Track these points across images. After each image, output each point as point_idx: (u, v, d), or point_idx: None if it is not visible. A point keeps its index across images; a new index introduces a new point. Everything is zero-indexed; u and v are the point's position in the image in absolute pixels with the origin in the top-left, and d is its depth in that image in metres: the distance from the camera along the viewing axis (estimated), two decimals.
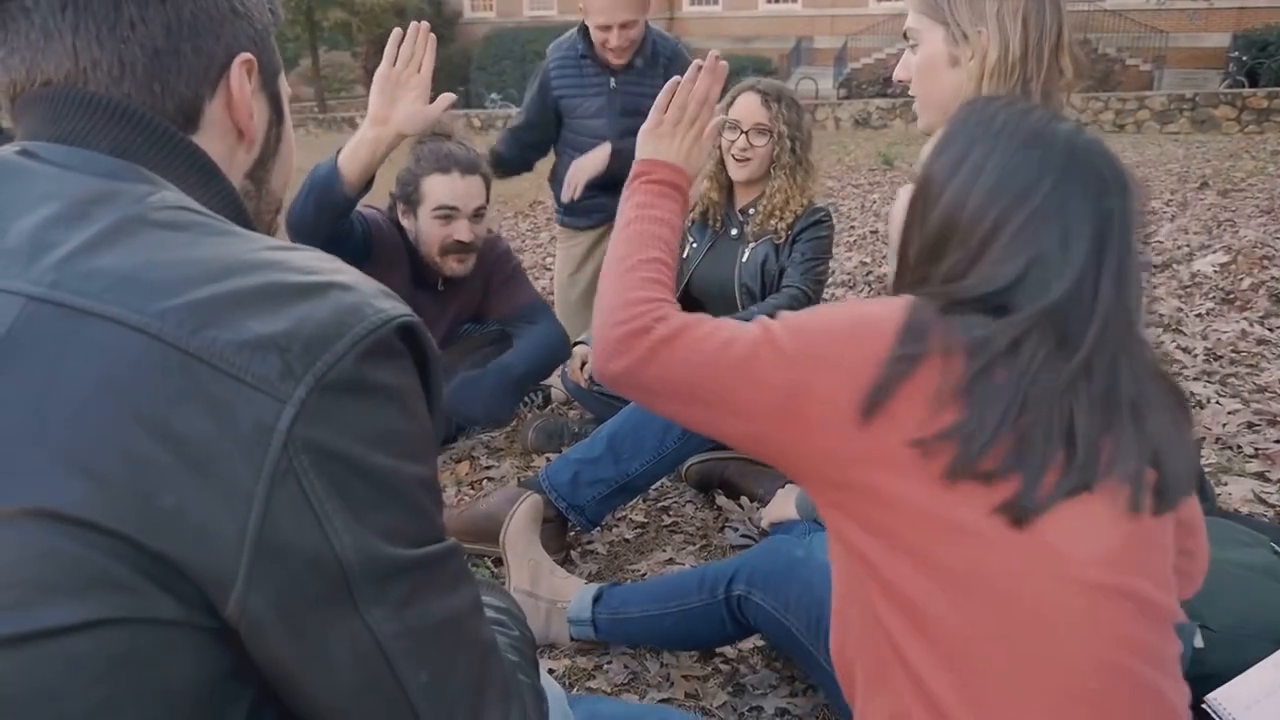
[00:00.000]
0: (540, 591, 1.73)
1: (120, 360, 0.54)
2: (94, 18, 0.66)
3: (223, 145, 0.75)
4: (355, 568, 0.58)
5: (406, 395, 0.64)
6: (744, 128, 2.40)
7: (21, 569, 0.51)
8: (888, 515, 0.86)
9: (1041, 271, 0.86)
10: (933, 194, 0.93)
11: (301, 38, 22.82)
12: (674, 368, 0.95)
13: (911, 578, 0.85)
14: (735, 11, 22.93)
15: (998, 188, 0.89)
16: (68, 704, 0.52)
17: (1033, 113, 0.94)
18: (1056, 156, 0.89)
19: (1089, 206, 0.88)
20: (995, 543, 0.82)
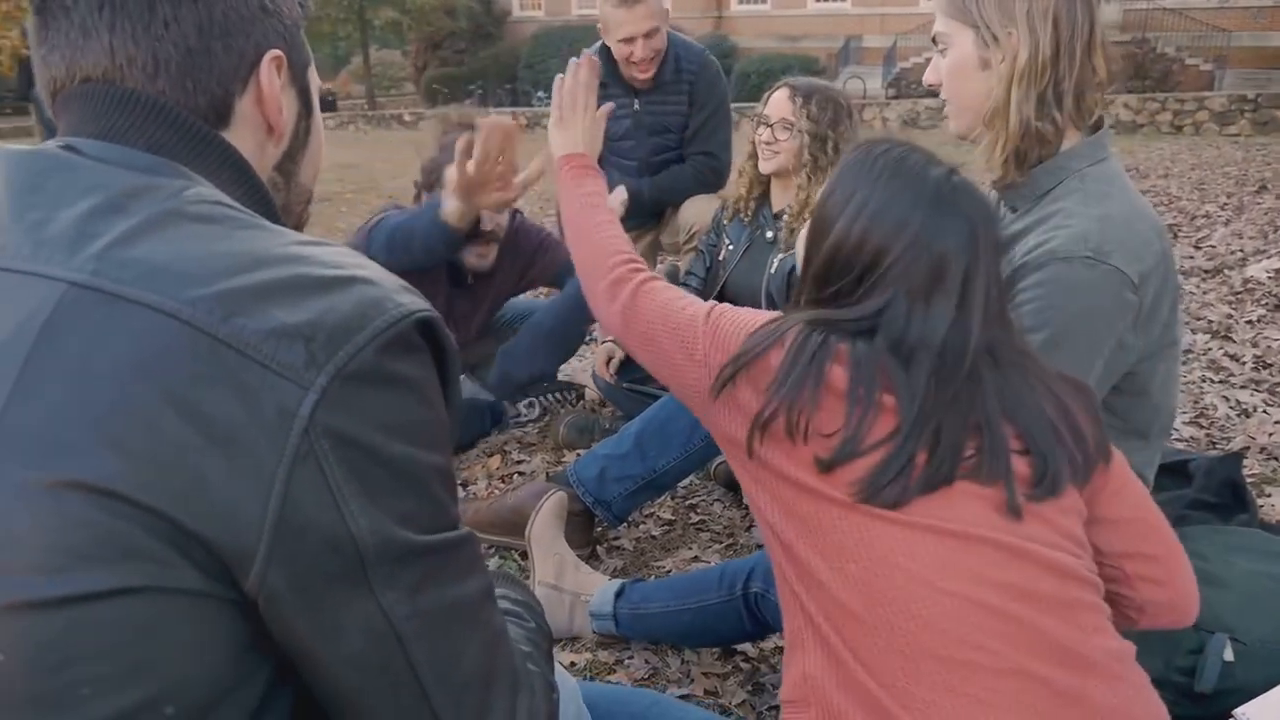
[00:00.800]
0: (564, 585, 1.74)
1: (154, 344, 0.57)
2: (130, 17, 0.68)
3: (253, 140, 0.77)
4: (370, 550, 0.60)
5: (424, 387, 0.66)
6: (771, 121, 2.39)
7: (60, 537, 0.54)
8: (777, 483, 0.98)
9: (906, 303, 0.97)
10: (823, 228, 1.04)
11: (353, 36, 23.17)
12: (639, 314, 1.16)
13: (800, 544, 0.96)
14: (784, 10, 22.79)
15: (875, 223, 1.00)
16: (100, 665, 0.54)
17: (910, 156, 1.04)
18: (926, 197, 1.00)
19: (960, 239, 0.98)
20: (861, 520, 0.92)
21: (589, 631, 1.68)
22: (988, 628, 0.88)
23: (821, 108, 2.35)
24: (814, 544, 0.94)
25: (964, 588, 0.89)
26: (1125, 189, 1.40)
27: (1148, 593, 1.05)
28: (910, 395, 0.93)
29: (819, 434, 0.93)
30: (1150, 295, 1.34)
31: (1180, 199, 6.39)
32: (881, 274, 0.99)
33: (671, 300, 1.14)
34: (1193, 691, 1.33)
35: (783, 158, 2.40)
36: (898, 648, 0.89)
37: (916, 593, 0.89)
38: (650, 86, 2.96)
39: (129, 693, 0.55)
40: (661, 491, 2.03)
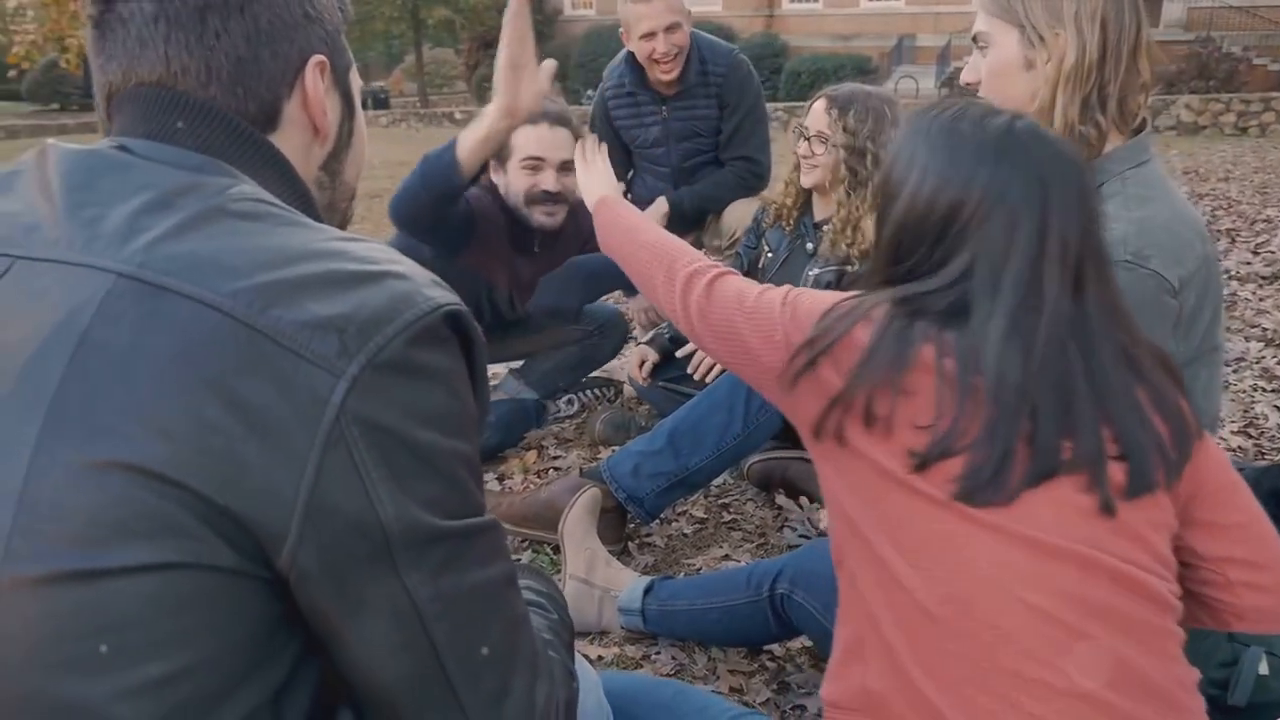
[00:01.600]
0: (595, 580, 1.75)
1: (196, 333, 0.60)
2: (183, 28, 0.73)
3: (300, 141, 0.81)
4: (396, 532, 0.63)
5: (452, 377, 0.69)
6: (809, 133, 2.31)
7: (105, 513, 0.57)
8: (862, 473, 0.94)
9: (989, 263, 0.92)
10: (890, 200, 1.01)
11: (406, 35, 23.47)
12: (714, 306, 1.15)
13: (880, 539, 0.93)
14: (836, 9, 22.59)
15: (942, 183, 0.95)
16: (138, 634, 0.57)
17: (968, 110, 1.00)
18: (989, 151, 0.95)
19: (1029, 190, 0.93)
20: (954, 520, 0.88)
21: (618, 626, 1.70)
22: (1063, 646, 0.85)
23: (860, 119, 2.23)
24: (897, 540, 0.91)
25: (1048, 602, 0.86)
26: (1167, 192, 1.38)
27: (1251, 599, 0.99)
28: (999, 377, 0.88)
29: (911, 425, 0.90)
30: (1191, 300, 1.32)
31: (1240, 203, 6.22)
32: (956, 236, 0.94)
33: (746, 288, 1.13)
34: (1225, 704, 1.30)
35: (820, 172, 2.32)
36: (970, 656, 0.87)
37: (1000, 602, 0.87)
38: (676, 91, 2.95)
39: (160, 662, 0.58)
40: (694, 489, 2.04)
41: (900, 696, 0.90)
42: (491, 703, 0.71)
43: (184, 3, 0.73)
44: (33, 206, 0.67)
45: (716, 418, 1.94)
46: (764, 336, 1.05)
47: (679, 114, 2.98)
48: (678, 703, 1.16)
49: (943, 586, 0.88)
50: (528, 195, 2.33)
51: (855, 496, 0.96)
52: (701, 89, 2.97)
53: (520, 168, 2.32)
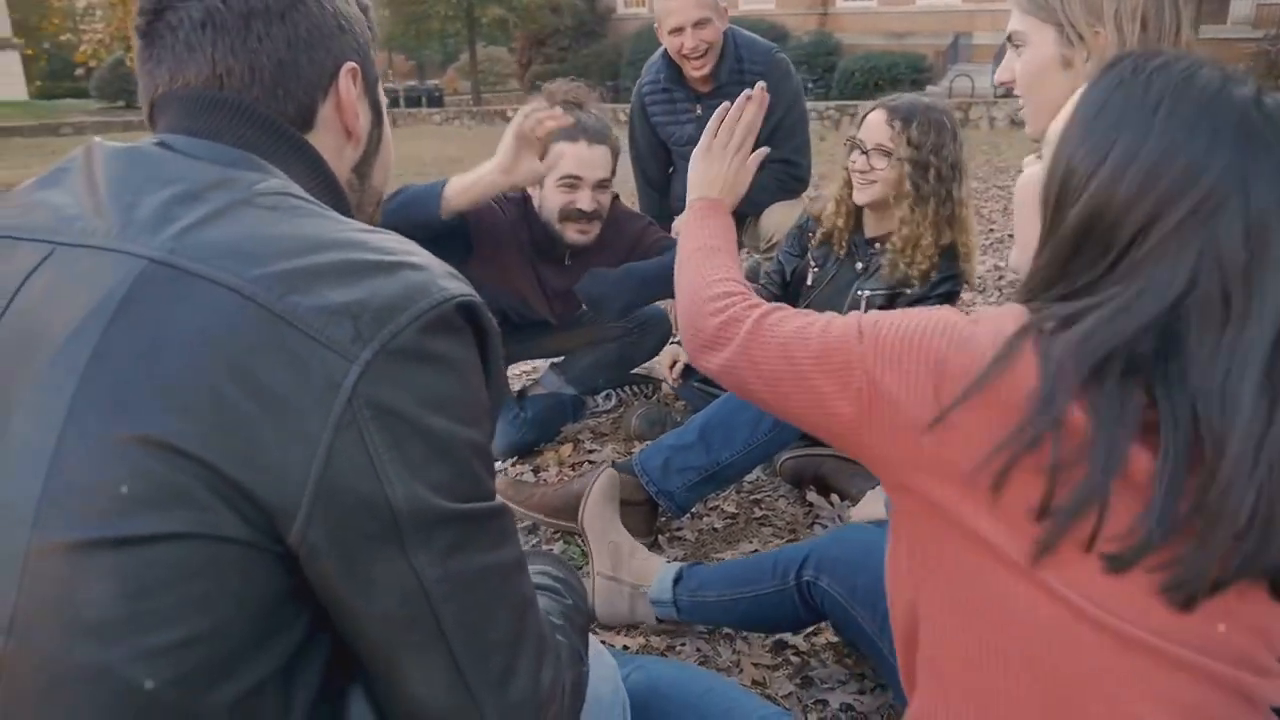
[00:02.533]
0: (622, 575, 1.76)
1: (218, 316, 0.63)
2: (229, 33, 0.78)
3: (333, 143, 0.86)
4: (405, 514, 0.65)
5: (464, 366, 0.71)
6: (866, 147, 2.18)
7: (126, 484, 0.60)
8: (941, 529, 0.79)
9: (1215, 278, 0.70)
10: (1073, 187, 0.78)
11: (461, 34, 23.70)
12: (766, 350, 0.95)
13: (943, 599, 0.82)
14: (891, 7, 22.33)
15: (1154, 173, 0.73)
16: (155, 600, 0.60)
17: (1198, 74, 0.76)
18: (1230, 130, 0.72)
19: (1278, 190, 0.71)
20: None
21: (653, 619, 1.71)
22: None
23: (923, 131, 2.12)
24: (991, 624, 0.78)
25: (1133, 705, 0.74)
26: None
27: None
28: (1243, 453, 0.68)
29: (1106, 535, 0.71)
30: None
31: None
32: (1166, 236, 0.72)
33: (806, 325, 0.92)
34: None
35: (879, 188, 2.17)
36: None
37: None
38: (711, 89, 2.93)
39: (176, 628, 0.61)
40: (725, 484, 2.05)
41: None
42: (497, 683, 0.73)
43: (230, 10, 0.78)
44: (77, 199, 0.71)
45: (748, 413, 1.95)
46: (840, 381, 0.85)
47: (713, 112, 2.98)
48: (706, 701, 1.17)
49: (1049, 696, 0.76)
50: (563, 212, 2.33)
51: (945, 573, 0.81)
52: (738, 88, 2.93)
53: (557, 185, 2.31)
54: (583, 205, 2.32)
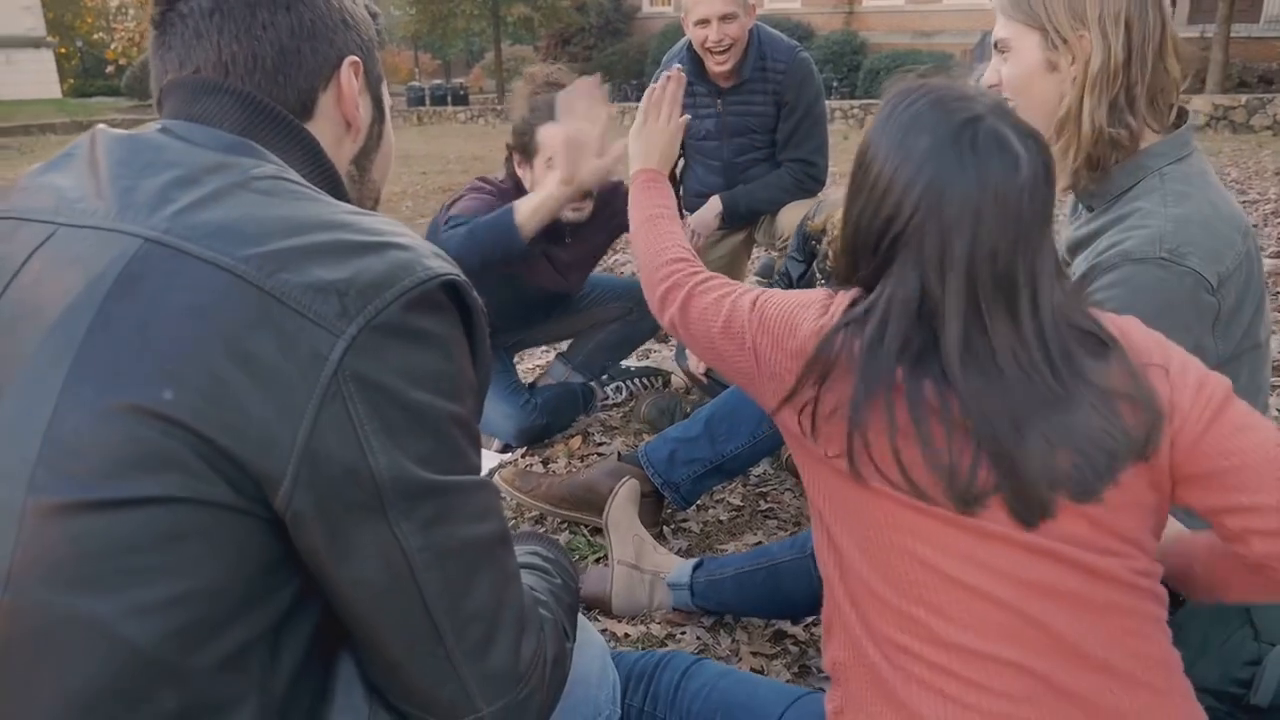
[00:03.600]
0: (644, 565, 1.80)
1: (211, 293, 0.66)
2: (235, 21, 0.81)
3: (332, 133, 0.89)
4: (387, 483, 0.68)
5: (448, 342, 0.74)
6: None
7: (119, 450, 0.64)
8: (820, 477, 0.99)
9: (917, 282, 0.88)
10: (849, 199, 0.97)
11: (486, 32, 23.78)
12: (698, 315, 1.17)
13: (839, 530, 0.98)
14: (917, 6, 22.16)
15: (888, 189, 0.90)
16: (145, 558, 0.64)
17: (933, 103, 0.91)
18: (936, 150, 0.88)
19: (966, 199, 0.86)
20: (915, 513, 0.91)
21: (670, 606, 1.73)
22: (995, 621, 0.88)
23: None
24: (852, 529, 0.96)
25: (981, 581, 0.89)
26: (1207, 187, 1.36)
27: (1262, 546, 0.89)
28: (966, 408, 0.87)
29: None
30: (1231, 298, 1.30)
31: None
32: (893, 248, 0.90)
33: (722, 296, 1.14)
34: (1247, 704, 1.28)
35: None
36: (911, 631, 0.91)
37: (931, 581, 0.90)
38: (733, 84, 2.94)
39: (165, 586, 0.64)
40: (729, 476, 2.06)
41: (860, 673, 0.95)
42: (477, 651, 0.75)
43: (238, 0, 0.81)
44: (80, 182, 0.75)
45: (752, 406, 1.95)
46: (736, 345, 1.08)
47: (734, 108, 2.98)
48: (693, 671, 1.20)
49: (889, 569, 0.92)
50: None
51: (816, 487, 1.01)
52: (759, 84, 2.95)
53: (548, 166, 2.30)
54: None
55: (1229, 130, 11.83)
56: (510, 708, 0.78)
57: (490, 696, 0.76)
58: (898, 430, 0.88)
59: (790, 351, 1.00)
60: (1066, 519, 0.89)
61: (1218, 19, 13.81)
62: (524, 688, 0.79)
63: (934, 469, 0.88)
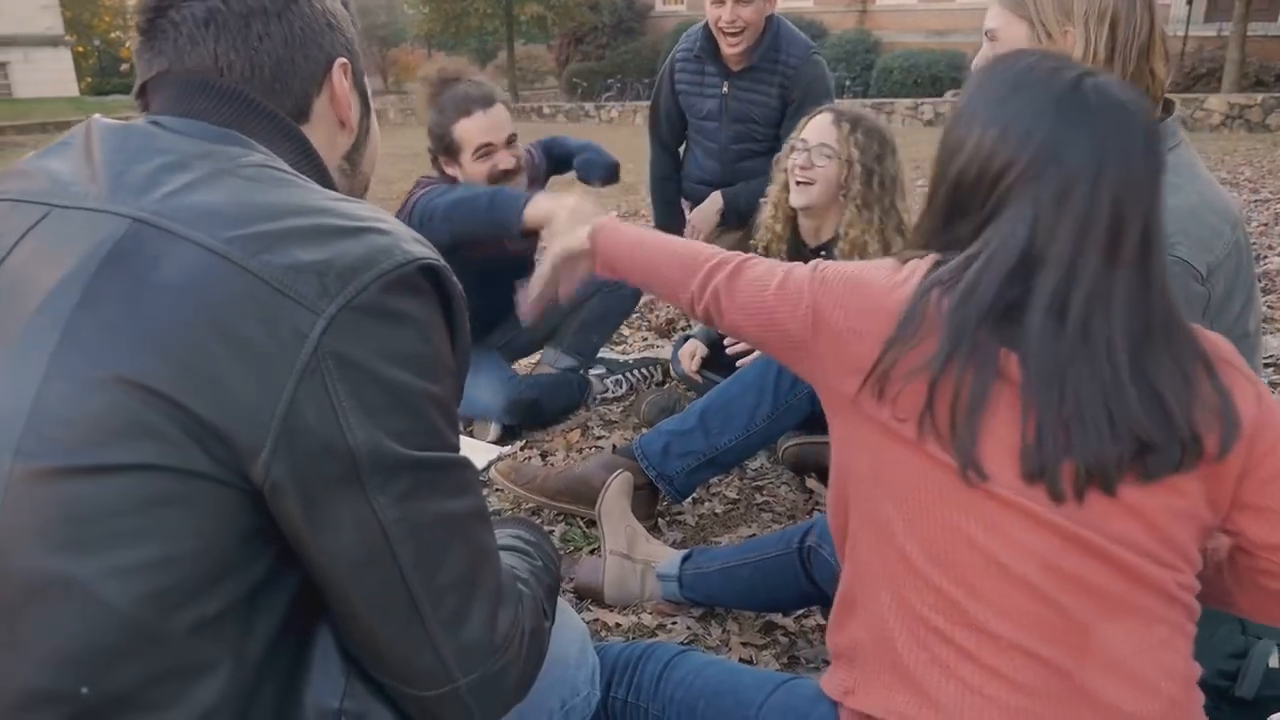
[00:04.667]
0: (636, 555, 1.81)
1: (195, 272, 0.68)
2: (230, 31, 0.84)
3: (326, 133, 0.92)
4: (364, 457, 0.70)
5: (425, 324, 0.76)
6: (808, 146, 2.23)
7: (102, 419, 0.66)
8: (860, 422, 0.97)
9: (1030, 230, 0.88)
10: (948, 153, 0.96)
11: (499, 31, 23.84)
12: (748, 281, 1.13)
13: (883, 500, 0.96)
14: (930, 5, 22.09)
15: (999, 143, 0.91)
16: (125, 523, 0.66)
17: (1040, 65, 0.93)
18: (1051, 107, 0.89)
19: (1085, 154, 0.87)
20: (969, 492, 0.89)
21: (660, 597, 1.74)
22: (1031, 611, 0.87)
23: (869, 137, 2.19)
24: (899, 499, 0.94)
25: (1025, 568, 0.88)
26: (1195, 178, 1.36)
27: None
28: (1037, 359, 0.86)
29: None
30: (1221, 287, 1.31)
31: None
32: (1004, 196, 0.90)
33: (774, 266, 1.12)
34: (1233, 696, 1.28)
35: (817, 189, 2.22)
36: (942, 609, 0.90)
37: (974, 561, 0.89)
38: (742, 68, 2.94)
39: (143, 550, 0.66)
40: (724, 469, 2.07)
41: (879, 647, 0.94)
42: (453, 622, 0.77)
43: (231, 10, 0.83)
44: (75, 167, 0.78)
45: (747, 398, 1.97)
46: (790, 305, 1.05)
47: (739, 93, 2.98)
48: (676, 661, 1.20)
49: (933, 544, 0.91)
50: (490, 177, 2.39)
51: (865, 456, 0.97)
52: (768, 74, 2.95)
53: (474, 158, 2.38)
54: (504, 165, 2.39)
55: (1245, 129, 11.75)
56: (486, 678, 0.79)
57: (466, 667, 0.78)
58: (967, 396, 0.87)
59: (858, 309, 0.97)
60: (1123, 520, 0.87)
61: (1234, 17, 13.71)
62: (500, 659, 0.80)
63: (999, 439, 0.87)
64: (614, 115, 18.68)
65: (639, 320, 3.75)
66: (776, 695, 1.11)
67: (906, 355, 0.90)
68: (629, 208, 6.74)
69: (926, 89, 17.78)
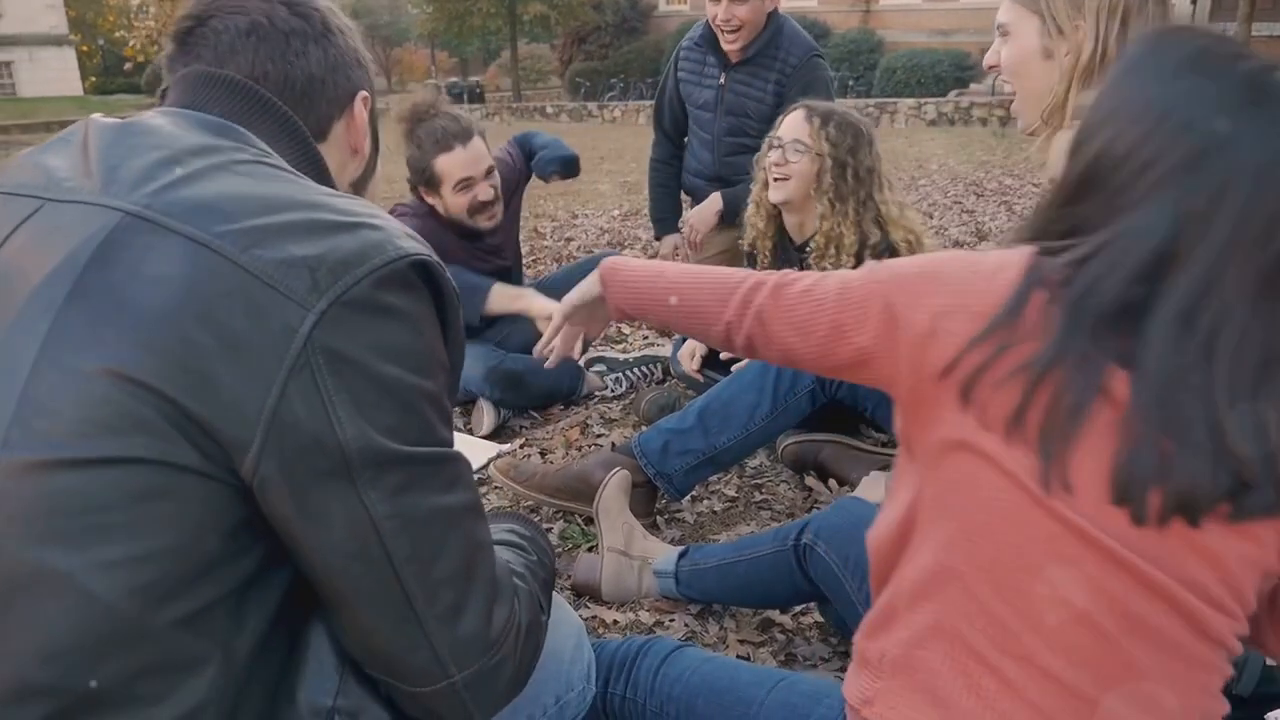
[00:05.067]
0: (633, 551, 1.80)
1: (186, 266, 0.68)
2: (270, 44, 0.87)
3: (339, 157, 0.95)
4: (354, 453, 0.70)
5: (417, 319, 0.76)
6: (782, 142, 2.27)
7: (90, 411, 0.66)
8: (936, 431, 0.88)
9: (1186, 225, 0.78)
10: (1087, 132, 0.87)
11: (503, 30, 23.85)
12: (797, 297, 1.03)
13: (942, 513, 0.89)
14: (935, 4, 22.07)
15: (1155, 125, 0.81)
16: (112, 516, 0.66)
17: (1215, 47, 0.84)
18: (1228, 96, 0.80)
19: (1258, 155, 0.78)
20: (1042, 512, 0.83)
21: (657, 592, 1.74)
22: (1085, 646, 0.83)
23: (841, 131, 2.21)
24: (964, 514, 0.87)
25: (1087, 601, 0.82)
26: None
27: None
28: (1142, 372, 0.78)
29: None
30: None
31: None
32: (1153, 184, 0.80)
33: (820, 277, 1.02)
34: (1230, 693, 1.27)
35: (793, 184, 2.26)
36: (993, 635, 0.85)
37: (1037, 590, 0.84)
38: (740, 60, 2.95)
39: (130, 543, 0.66)
40: (722, 468, 2.07)
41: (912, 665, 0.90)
42: (447, 617, 0.77)
43: (274, 26, 0.87)
44: (70, 162, 0.78)
45: (746, 398, 1.97)
46: (857, 313, 0.94)
47: (736, 85, 2.99)
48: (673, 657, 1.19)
49: (996, 566, 0.85)
50: (470, 208, 2.54)
51: (934, 470, 0.89)
52: (765, 69, 2.95)
53: (455, 191, 2.51)
54: (484, 196, 2.53)
55: None
56: (482, 674, 0.79)
57: (462, 662, 0.78)
58: (1066, 407, 0.79)
59: (942, 310, 0.87)
60: (1198, 564, 0.82)
61: (1239, 17, 13.70)
62: (496, 654, 0.80)
63: (1092, 455, 0.80)
64: (617, 115, 18.69)
65: None
66: (777, 692, 1.10)
67: (1001, 358, 0.82)
68: (630, 207, 6.74)
69: (930, 89, 17.77)
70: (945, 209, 6.25)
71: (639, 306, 1.23)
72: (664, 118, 3.29)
